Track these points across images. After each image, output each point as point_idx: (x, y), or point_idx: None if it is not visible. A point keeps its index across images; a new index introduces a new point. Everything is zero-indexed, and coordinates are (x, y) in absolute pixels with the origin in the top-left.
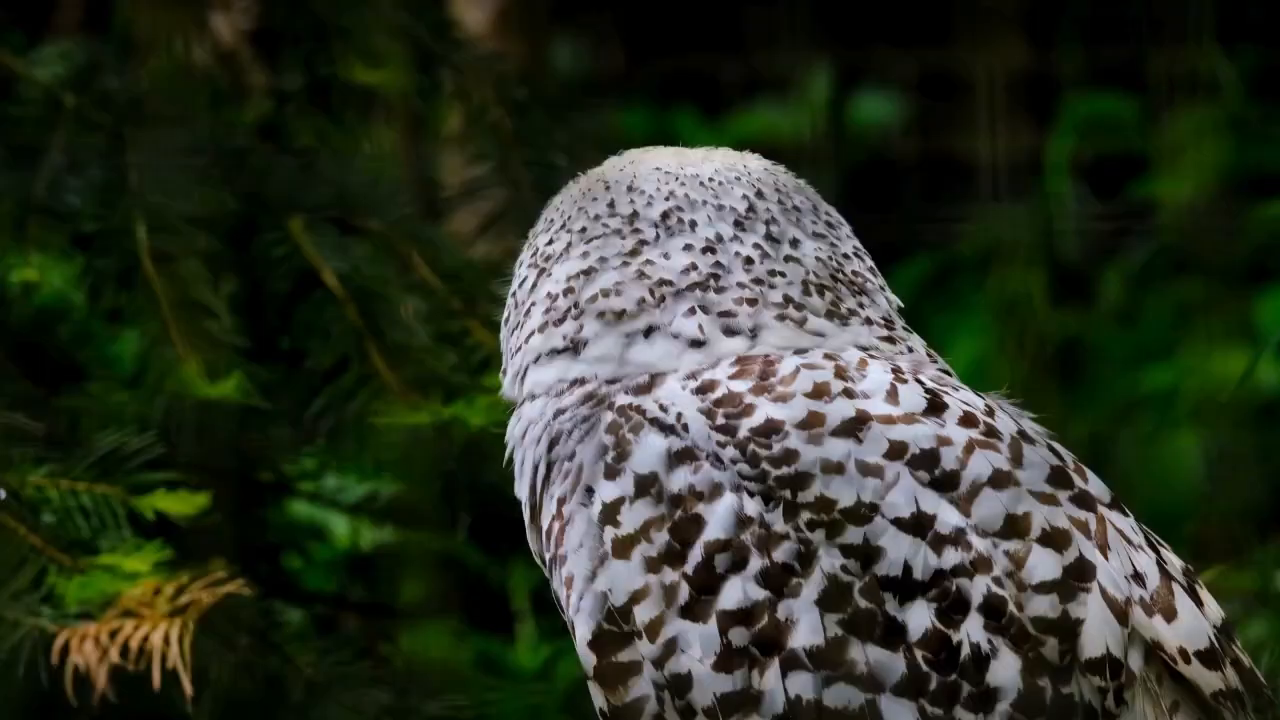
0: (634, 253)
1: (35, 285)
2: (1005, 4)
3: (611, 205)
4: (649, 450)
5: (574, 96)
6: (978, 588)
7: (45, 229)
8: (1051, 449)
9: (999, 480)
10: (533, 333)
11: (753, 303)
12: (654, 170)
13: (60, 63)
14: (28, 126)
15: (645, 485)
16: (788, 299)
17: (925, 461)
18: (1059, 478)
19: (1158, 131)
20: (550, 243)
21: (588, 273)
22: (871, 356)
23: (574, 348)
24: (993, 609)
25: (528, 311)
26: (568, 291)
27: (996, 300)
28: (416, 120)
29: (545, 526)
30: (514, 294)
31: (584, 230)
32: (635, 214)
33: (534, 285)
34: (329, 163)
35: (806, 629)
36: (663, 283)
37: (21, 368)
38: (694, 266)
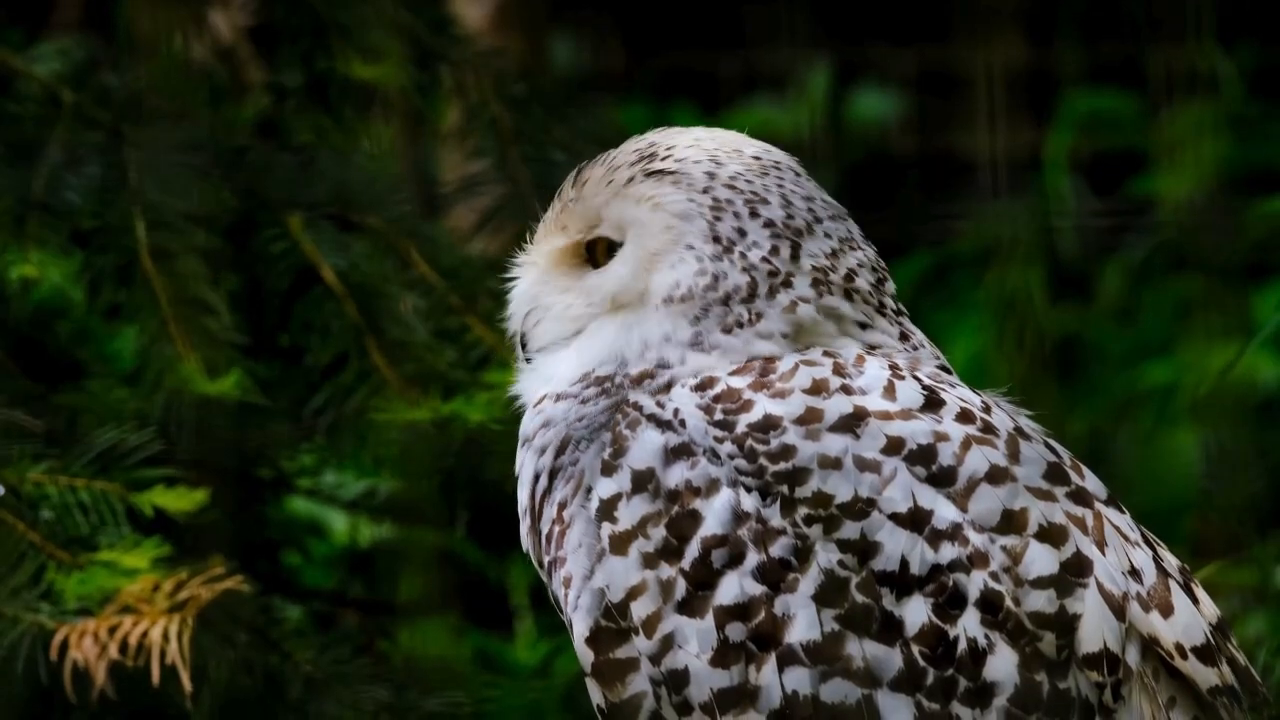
0: (849, 239)
1: (34, 282)
2: (1004, 1)
3: (799, 185)
4: (646, 446)
5: (573, 93)
6: (975, 583)
7: (44, 226)
8: (1048, 446)
9: (996, 476)
10: (797, 302)
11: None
12: (792, 157)
13: (59, 60)
14: (27, 123)
15: (642, 481)
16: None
17: (922, 457)
18: (1056, 474)
19: (1157, 128)
20: (790, 218)
21: (838, 253)
22: (869, 353)
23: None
24: (990, 604)
25: (787, 281)
26: (831, 269)
27: (995, 297)
28: (415, 116)
29: (545, 531)
30: (764, 259)
31: (810, 211)
32: (826, 201)
33: (791, 256)
34: (328, 159)
35: (803, 624)
36: (874, 269)
37: (20, 364)
38: (878, 260)
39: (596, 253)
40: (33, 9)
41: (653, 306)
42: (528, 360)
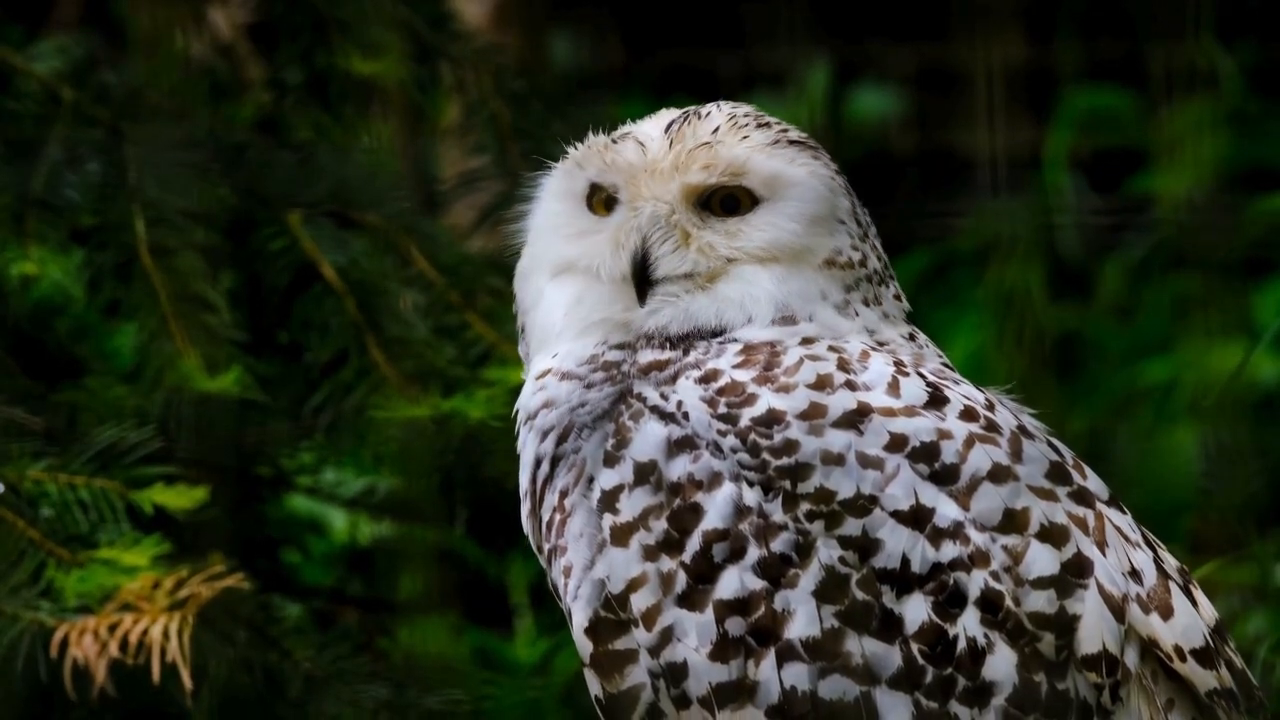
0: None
1: (34, 279)
2: None
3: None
4: (649, 438)
5: (572, 89)
6: (975, 582)
7: (44, 223)
8: (1051, 445)
9: (998, 475)
10: (899, 294)
11: None
12: None
13: (59, 57)
14: (26, 121)
15: (644, 473)
16: None
17: (925, 455)
18: (1058, 474)
19: (1156, 126)
20: (871, 222)
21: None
22: (874, 348)
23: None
24: (990, 603)
25: (892, 274)
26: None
27: (995, 295)
28: (415, 113)
29: (546, 519)
30: (882, 249)
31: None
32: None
33: (889, 259)
34: (327, 156)
35: (803, 620)
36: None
37: (20, 362)
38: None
39: (712, 201)
40: (32, 7)
41: (813, 266)
42: (651, 285)
